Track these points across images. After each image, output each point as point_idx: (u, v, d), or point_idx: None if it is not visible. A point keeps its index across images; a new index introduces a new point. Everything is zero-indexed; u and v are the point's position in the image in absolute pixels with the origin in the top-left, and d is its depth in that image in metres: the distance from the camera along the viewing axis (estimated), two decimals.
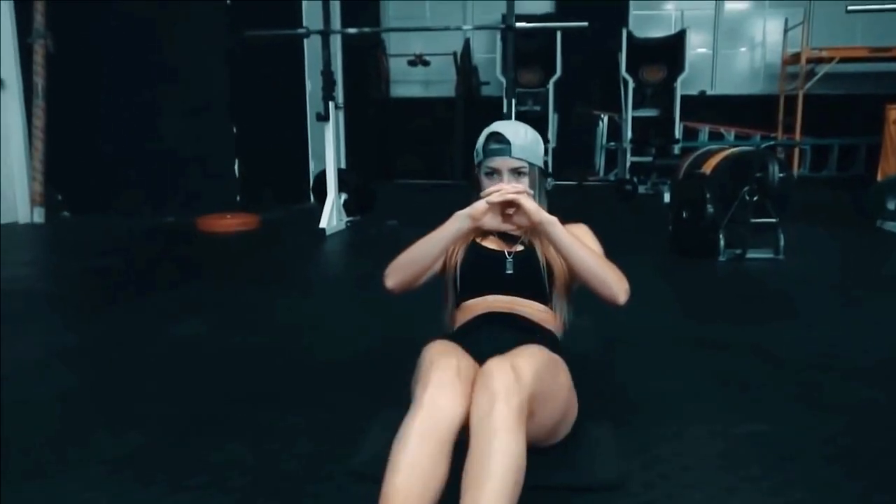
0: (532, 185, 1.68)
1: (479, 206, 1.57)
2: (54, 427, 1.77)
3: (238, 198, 5.68)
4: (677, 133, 8.20)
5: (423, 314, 1.89)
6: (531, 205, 1.56)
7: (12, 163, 5.59)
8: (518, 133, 1.68)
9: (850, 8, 4.49)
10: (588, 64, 8.83)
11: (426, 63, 9.21)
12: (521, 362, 1.31)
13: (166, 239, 4.92)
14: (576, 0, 8.79)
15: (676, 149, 7.78)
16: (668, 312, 2.86)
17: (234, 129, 5.68)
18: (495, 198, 1.55)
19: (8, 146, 5.57)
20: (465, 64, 9.00)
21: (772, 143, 8.03)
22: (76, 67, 5.68)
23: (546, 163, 1.80)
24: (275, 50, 6.09)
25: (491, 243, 1.73)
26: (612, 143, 8.89)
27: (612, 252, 1.67)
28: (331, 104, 4.91)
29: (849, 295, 3.23)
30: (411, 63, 9.23)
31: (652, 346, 2.40)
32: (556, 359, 1.48)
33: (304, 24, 6.54)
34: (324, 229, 4.74)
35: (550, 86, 8.53)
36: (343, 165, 8.20)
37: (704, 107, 8.80)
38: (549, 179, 1.81)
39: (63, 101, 5.66)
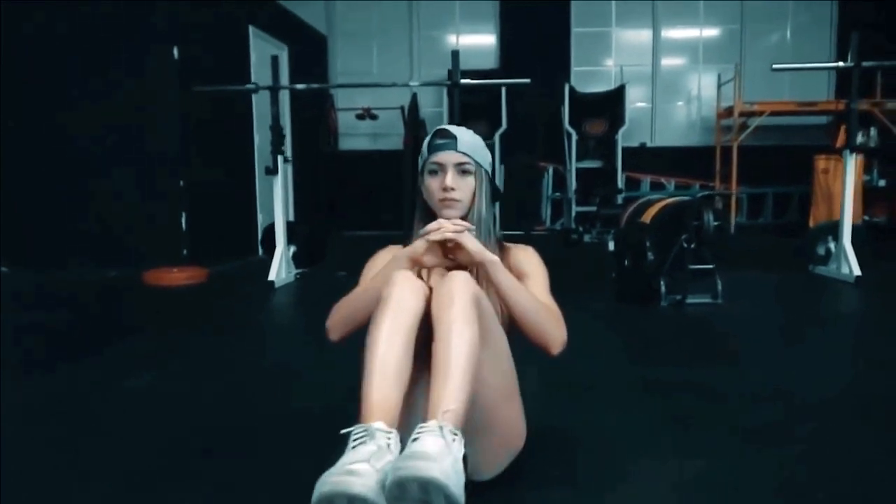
0: (479, 189, 1.68)
1: (419, 245, 1.56)
2: None
3: (185, 251, 5.62)
4: (620, 183, 8.45)
5: None
6: (473, 244, 1.52)
7: None
8: (465, 132, 1.69)
9: (774, 67, 4.76)
10: (532, 117, 9.09)
11: (374, 117, 9.35)
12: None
13: (110, 293, 4.83)
14: (519, 56, 9.17)
15: (620, 198, 8.02)
16: (612, 356, 2.95)
17: (181, 182, 5.65)
18: (435, 236, 1.53)
19: None
20: (412, 118, 9.16)
21: (707, 193, 8.36)
22: (18, 118, 5.61)
23: (493, 173, 1.79)
24: (223, 104, 6.13)
25: (434, 282, 1.67)
26: (558, 194, 9.10)
27: (558, 299, 1.70)
28: (279, 157, 4.94)
29: (787, 335, 3.37)
30: (359, 117, 9.34)
31: (598, 389, 2.44)
32: (509, 358, 1.58)
33: (253, 79, 6.64)
34: (272, 281, 4.72)
35: (496, 138, 8.72)
36: (292, 217, 8.23)
37: (645, 158, 9.10)
38: (496, 199, 1.81)
39: (3, 152, 5.57)
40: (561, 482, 1.66)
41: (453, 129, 1.67)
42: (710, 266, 3.93)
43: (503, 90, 8.64)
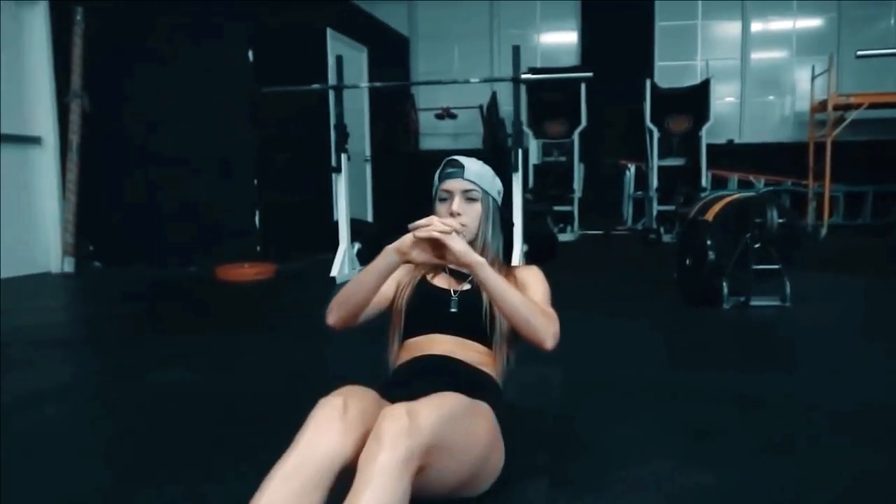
0: (486, 216, 1.73)
1: (406, 239, 1.54)
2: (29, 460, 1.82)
3: (258, 248, 5.81)
4: (704, 182, 8.12)
5: None
6: (458, 245, 1.51)
7: (46, 216, 5.85)
8: (473, 162, 1.76)
9: (859, 53, 4.45)
10: (614, 114, 8.89)
11: (453, 116, 9.38)
12: (423, 409, 1.25)
13: (184, 288, 5.06)
14: (601, 53, 8.97)
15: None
16: (653, 359, 2.83)
17: (255, 182, 5.85)
18: (420, 233, 1.51)
19: (43, 200, 5.84)
20: (490, 116, 9.13)
21: (773, 188, 7.92)
22: (109, 125, 5.94)
23: (504, 204, 1.82)
24: (300, 104, 6.29)
25: (440, 281, 1.76)
26: (640, 193, 8.85)
27: (622, 300, 1.69)
28: (343, 156, 5.03)
29: (856, 345, 3.13)
30: (438, 116, 9.41)
31: (623, 394, 2.34)
32: (476, 406, 1.44)
33: (331, 80, 6.79)
34: (334, 278, 4.81)
35: (576, 136, 8.57)
36: (370, 216, 8.37)
37: (732, 155, 8.72)
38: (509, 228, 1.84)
39: (95, 157, 5.92)
40: (544, 483, 1.62)
41: (463, 159, 1.76)
42: (777, 266, 3.71)
43: (583, 87, 8.48)
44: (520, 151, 4.76)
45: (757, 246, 3.69)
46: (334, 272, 4.86)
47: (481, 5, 9.74)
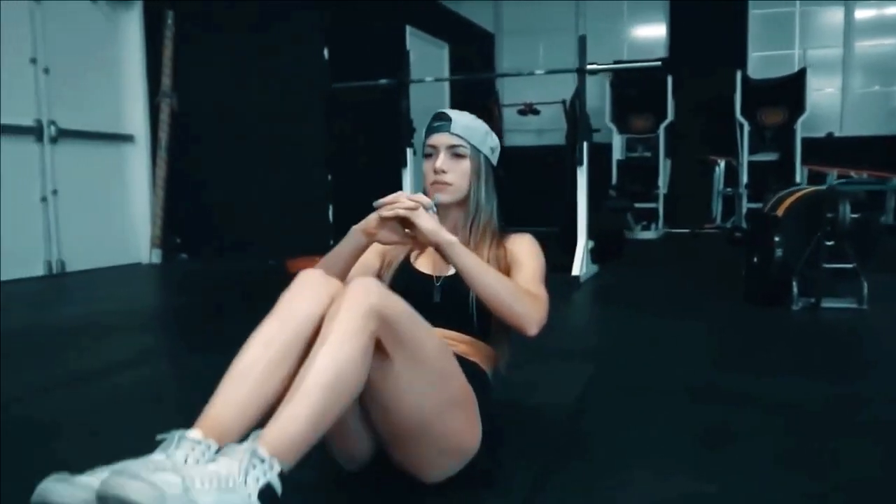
0: (476, 174, 1.60)
1: (372, 219, 1.47)
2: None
3: (331, 242, 5.93)
4: (798, 177, 7.67)
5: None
6: (426, 223, 1.42)
7: (138, 210, 6.18)
8: (463, 115, 1.63)
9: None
10: (702, 107, 8.54)
11: (536, 112, 9.27)
12: (395, 296, 1.27)
13: (258, 280, 5.23)
14: (690, 44, 8.64)
15: None
16: (698, 362, 2.67)
17: (329, 177, 5.98)
18: (385, 212, 1.44)
19: (135, 195, 6.18)
20: (573, 112, 8.96)
21: (844, 181, 7.35)
22: (194, 123, 6.22)
23: (497, 163, 1.67)
24: (374, 99, 6.38)
25: (424, 264, 1.64)
26: (729, 189, 8.46)
27: (686, 299, 1.61)
28: (409, 150, 5.07)
29: None
30: (521, 112, 9.32)
31: (650, 396, 2.22)
32: (453, 370, 1.37)
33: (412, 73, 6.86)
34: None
35: (661, 131, 8.29)
36: None
37: (832, 149, 8.19)
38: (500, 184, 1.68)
39: (182, 154, 6.21)
40: (529, 479, 1.54)
41: (450, 111, 1.62)
42: (852, 266, 3.45)
43: (669, 79, 8.19)
44: (585, 145, 4.65)
45: (830, 243, 3.45)
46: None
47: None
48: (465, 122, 1.60)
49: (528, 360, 2.61)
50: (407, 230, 1.47)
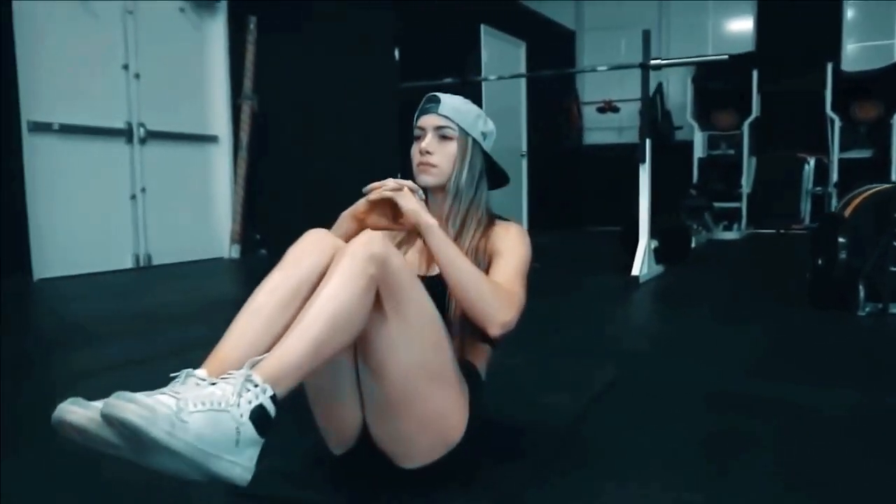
0: (461, 157, 1.57)
1: (360, 204, 1.49)
2: None
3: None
4: (895, 175, 7.24)
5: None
6: (408, 203, 1.42)
7: (220, 206, 6.50)
8: (453, 97, 1.59)
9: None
10: (791, 103, 8.18)
11: (615, 109, 9.13)
12: (396, 254, 1.31)
13: None
14: (778, 37, 8.30)
15: None
16: (732, 368, 2.56)
17: (399, 175, 6.09)
18: (372, 196, 1.46)
19: (217, 192, 6.49)
20: (654, 108, 8.77)
21: None
22: (272, 124, 6.48)
23: (489, 149, 1.63)
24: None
25: (412, 261, 1.60)
26: (819, 188, 8.07)
27: (747, 302, 1.58)
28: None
29: None
30: (600, 110, 9.21)
31: (670, 402, 2.14)
32: (444, 344, 1.39)
33: (484, 74, 6.92)
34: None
35: (745, 127, 8.00)
36: (525, 213, 8.40)
37: None
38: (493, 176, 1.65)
39: (263, 153, 6.49)
40: (515, 482, 1.53)
41: (442, 94, 1.59)
42: None
43: (754, 74, 7.90)
44: (648, 143, 4.57)
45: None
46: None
47: None
48: (455, 105, 1.57)
49: (552, 358, 2.63)
50: (398, 218, 1.48)
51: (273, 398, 1.11)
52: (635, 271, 4.40)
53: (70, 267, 5.04)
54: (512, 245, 1.55)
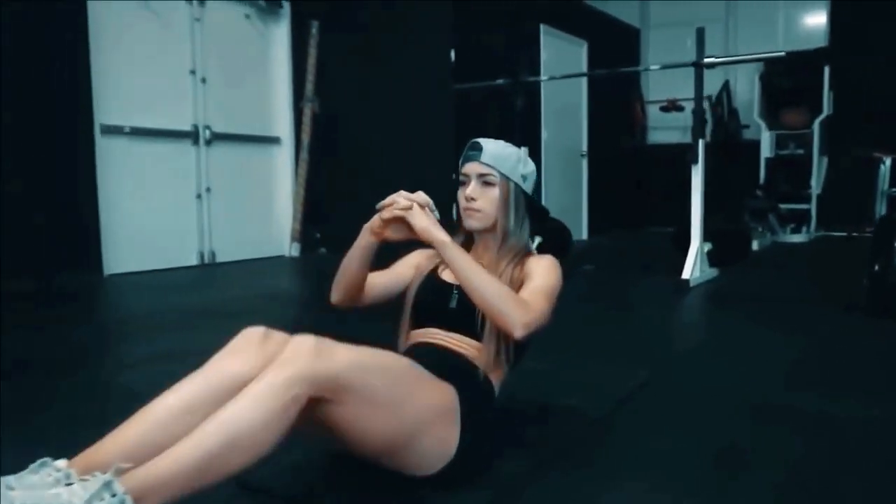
0: (504, 201, 1.66)
1: (375, 220, 1.58)
2: None
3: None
4: None
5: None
6: (419, 221, 1.52)
7: (281, 206, 6.70)
8: (496, 143, 1.70)
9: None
10: (866, 100, 7.84)
11: (680, 108, 8.94)
12: (339, 348, 1.25)
13: None
14: (853, 30, 7.97)
15: None
16: (768, 377, 2.50)
17: (455, 176, 6.14)
18: (384, 214, 1.55)
19: (279, 192, 6.70)
20: (720, 107, 8.56)
21: None
22: (333, 125, 6.63)
23: (534, 192, 1.73)
24: (501, 99, 6.49)
25: (448, 274, 1.70)
26: (895, 190, 7.71)
27: (799, 308, 1.57)
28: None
29: None
30: (664, 109, 9.04)
31: (694, 410, 2.10)
32: (432, 381, 1.42)
33: (543, 74, 6.90)
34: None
35: (816, 126, 7.72)
36: (585, 213, 8.33)
37: None
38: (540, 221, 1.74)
39: (322, 154, 6.65)
40: (511, 483, 1.55)
41: (484, 140, 1.70)
42: None
43: (826, 70, 7.62)
44: (700, 143, 4.48)
45: None
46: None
47: None
48: (496, 152, 1.67)
49: (585, 361, 2.64)
50: (411, 229, 1.57)
51: None
52: (686, 274, 4.34)
53: (138, 263, 5.31)
54: (542, 272, 1.64)
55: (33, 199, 4.60)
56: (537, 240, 5.23)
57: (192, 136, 5.84)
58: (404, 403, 1.36)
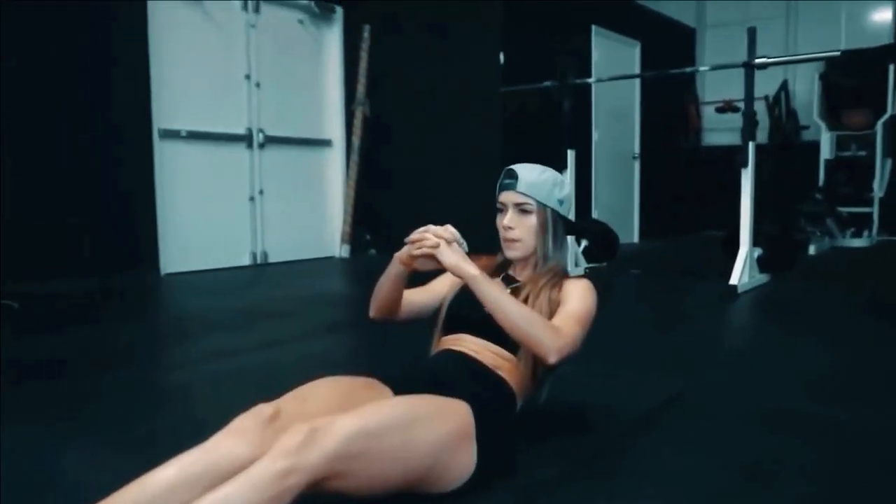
0: (542, 229, 1.71)
1: (404, 252, 1.63)
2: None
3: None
4: None
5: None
6: (448, 259, 1.54)
7: (333, 208, 6.83)
8: (531, 171, 1.72)
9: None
10: None
11: (735, 109, 8.73)
12: (335, 426, 1.22)
13: (433, 275, 5.56)
14: None
15: None
16: (806, 388, 2.44)
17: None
18: (413, 251, 1.58)
19: (330, 194, 6.82)
20: (778, 107, 8.35)
21: None
22: (385, 127, 6.71)
23: (567, 211, 1.77)
24: (550, 102, 6.47)
25: None
26: None
27: (855, 317, 1.54)
28: (570, 152, 5.09)
29: None
30: (719, 110, 8.85)
31: (718, 419, 2.07)
32: (439, 408, 1.41)
33: (594, 75, 6.85)
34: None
35: (879, 127, 7.46)
36: (636, 216, 8.23)
37: None
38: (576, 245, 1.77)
39: (374, 156, 6.75)
40: (527, 491, 1.56)
41: (519, 168, 1.73)
42: None
43: (891, 69, 7.35)
44: (751, 146, 4.40)
45: None
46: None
47: None
48: (531, 180, 1.71)
49: (620, 370, 2.62)
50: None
51: None
52: (733, 280, 4.26)
53: (193, 263, 5.49)
54: (577, 296, 1.67)
55: (94, 201, 4.81)
56: (584, 243, 5.23)
57: (246, 139, 6.00)
58: (417, 445, 1.35)
